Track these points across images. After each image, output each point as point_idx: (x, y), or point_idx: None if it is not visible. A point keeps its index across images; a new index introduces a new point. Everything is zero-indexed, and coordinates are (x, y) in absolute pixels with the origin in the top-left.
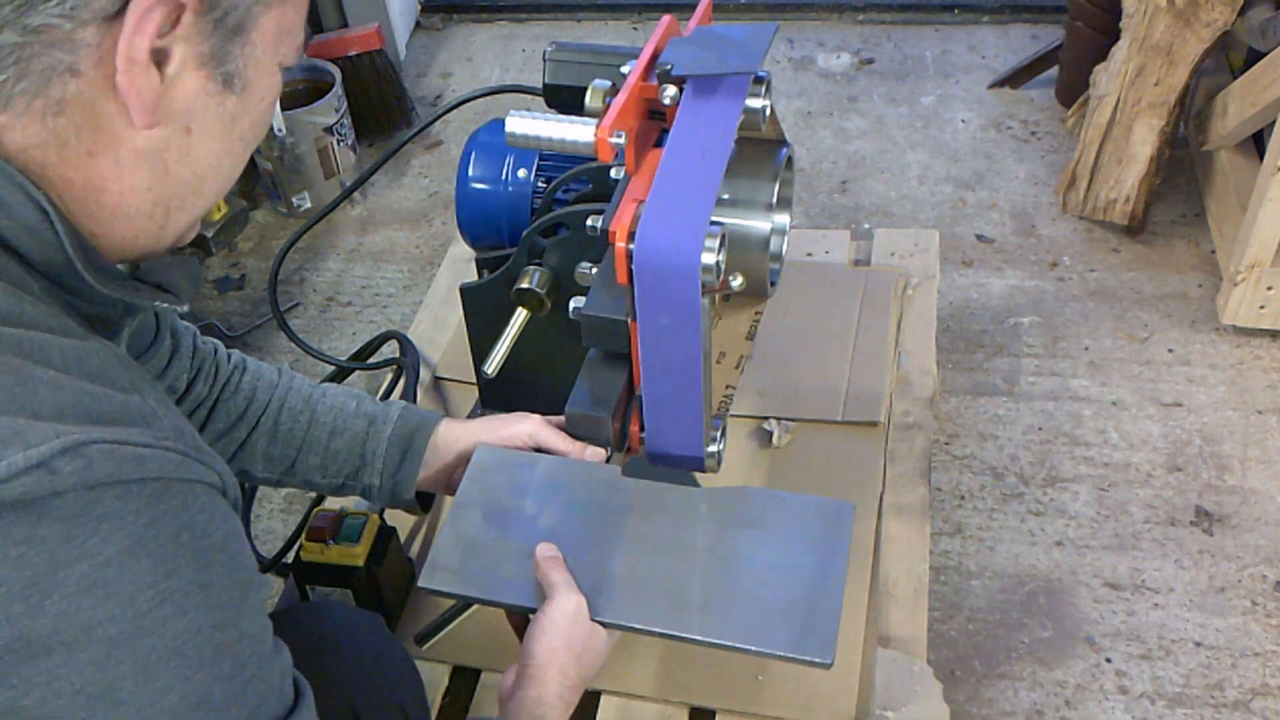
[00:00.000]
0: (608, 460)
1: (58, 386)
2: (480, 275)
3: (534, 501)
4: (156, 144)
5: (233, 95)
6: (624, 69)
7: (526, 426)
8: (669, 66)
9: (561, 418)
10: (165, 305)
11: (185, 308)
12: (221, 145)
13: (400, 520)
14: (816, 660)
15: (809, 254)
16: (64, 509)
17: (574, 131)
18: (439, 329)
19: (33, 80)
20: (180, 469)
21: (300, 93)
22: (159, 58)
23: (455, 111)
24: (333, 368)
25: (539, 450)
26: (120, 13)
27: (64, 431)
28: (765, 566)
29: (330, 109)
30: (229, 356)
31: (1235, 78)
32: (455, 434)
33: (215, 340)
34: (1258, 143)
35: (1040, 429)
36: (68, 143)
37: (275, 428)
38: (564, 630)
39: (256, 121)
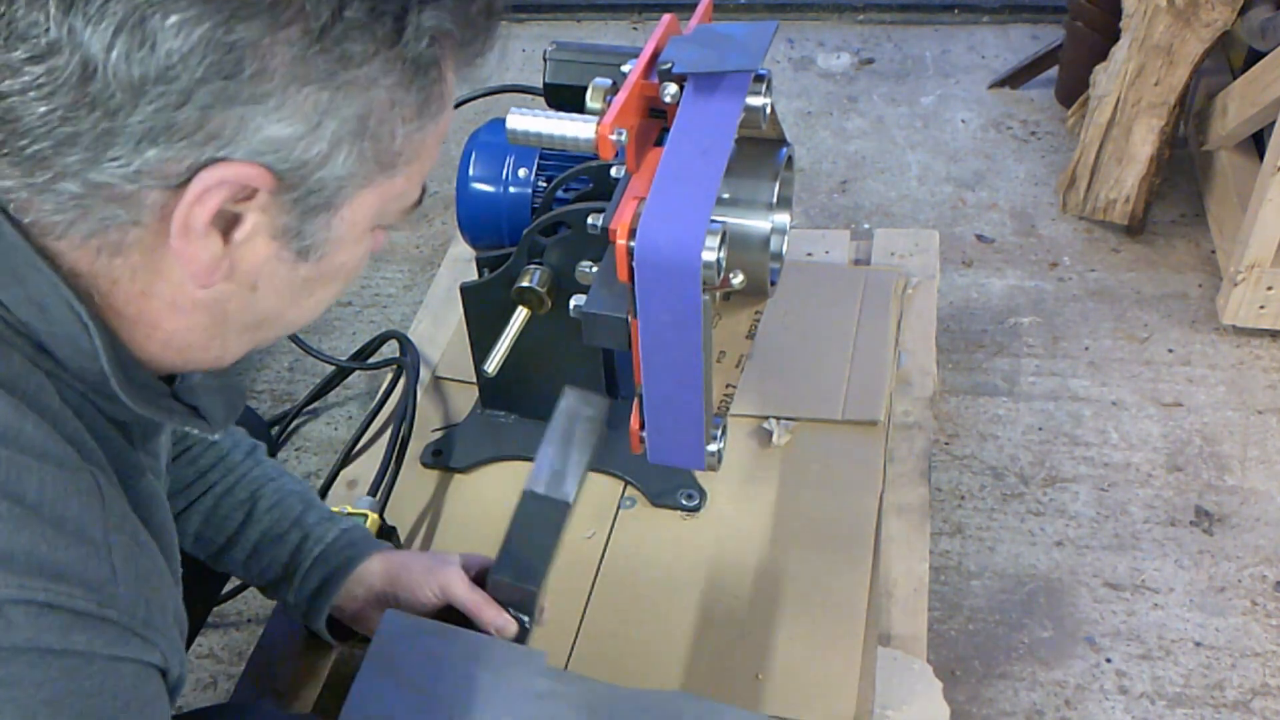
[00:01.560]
0: (522, 632)
1: (18, 525)
2: (480, 274)
3: (446, 687)
4: (217, 296)
5: (306, 263)
6: (624, 68)
7: (440, 580)
8: (669, 65)
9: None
10: (196, 432)
11: (216, 436)
12: (291, 300)
13: (401, 519)
14: None
15: (809, 254)
16: None
17: (575, 128)
18: (439, 329)
19: (91, 224)
20: (112, 645)
21: None
22: (227, 223)
23: (455, 111)
24: (333, 368)
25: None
26: (186, 183)
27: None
28: None
29: None
30: None
31: (1235, 78)
32: (391, 557)
33: None
34: (1258, 143)
35: (1040, 429)
36: (119, 280)
37: (213, 510)
38: None
39: (333, 282)
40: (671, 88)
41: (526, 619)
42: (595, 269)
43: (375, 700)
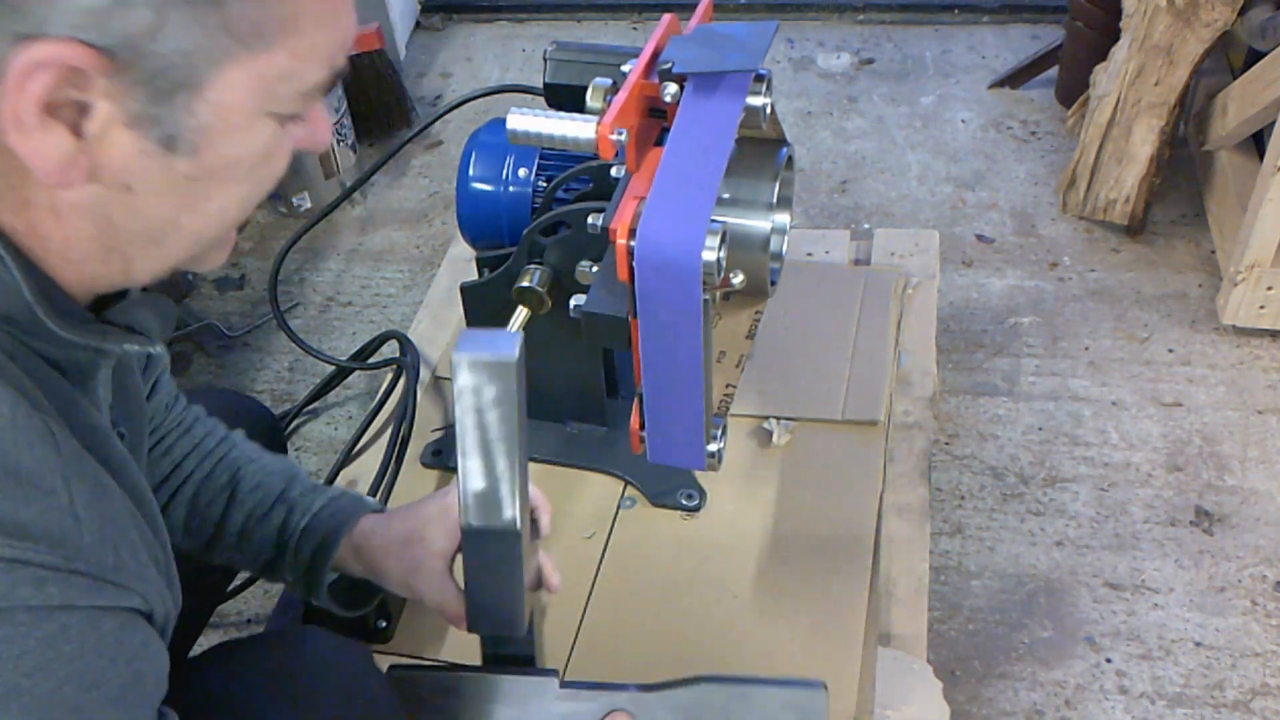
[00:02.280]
0: (527, 660)
1: None
2: (480, 274)
3: None
4: (92, 200)
5: (181, 157)
6: (625, 67)
7: (411, 576)
8: (670, 64)
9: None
10: (136, 348)
11: (158, 349)
12: (178, 203)
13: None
14: None
15: (809, 254)
16: None
17: (575, 128)
18: (439, 329)
19: None
20: (88, 594)
21: None
22: (77, 114)
23: (455, 111)
24: (333, 368)
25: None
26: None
27: None
28: None
29: (330, 109)
30: (177, 414)
31: (1235, 78)
32: (374, 527)
33: (176, 395)
34: (1258, 143)
35: (1040, 429)
36: (2, 195)
37: (195, 498)
38: None
39: (230, 180)
40: (672, 87)
41: (526, 653)
42: (595, 269)
43: None
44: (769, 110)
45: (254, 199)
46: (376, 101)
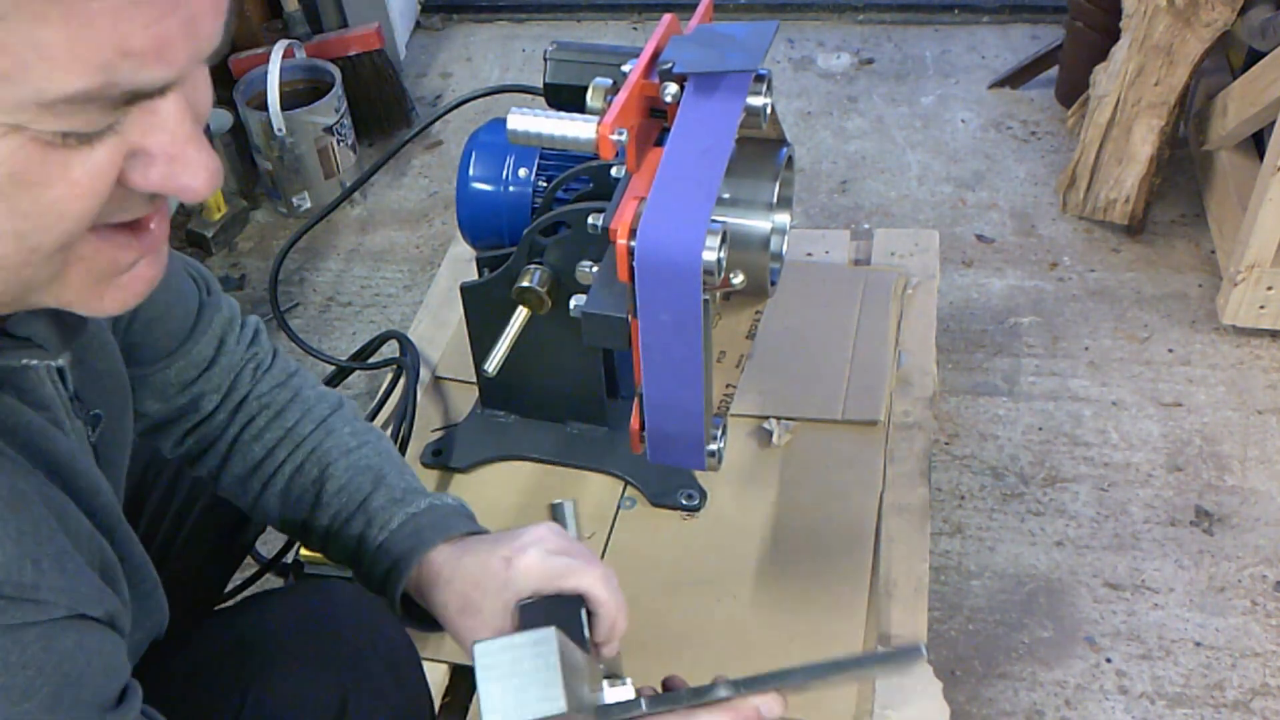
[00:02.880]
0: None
1: None
2: (480, 274)
3: None
4: None
5: None
6: (625, 67)
7: (522, 566)
8: (670, 64)
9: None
10: (33, 362)
11: (59, 362)
12: None
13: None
14: None
15: (809, 254)
16: None
17: (575, 128)
18: (439, 329)
19: None
20: (2, 616)
21: (300, 93)
22: None
23: (455, 111)
24: (333, 368)
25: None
26: None
27: None
28: None
29: (330, 109)
30: (267, 390)
31: (1235, 78)
32: (440, 572)
33: (275, 366)
34: (1258, 143)
35: (1040, 429)
36: None
37: (286, 492)
38: None
39: None
40: (672, 88)
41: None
42: (595, 269)
43: None
44: (769, 110)
45: (32, 237)
46: (376, 101)
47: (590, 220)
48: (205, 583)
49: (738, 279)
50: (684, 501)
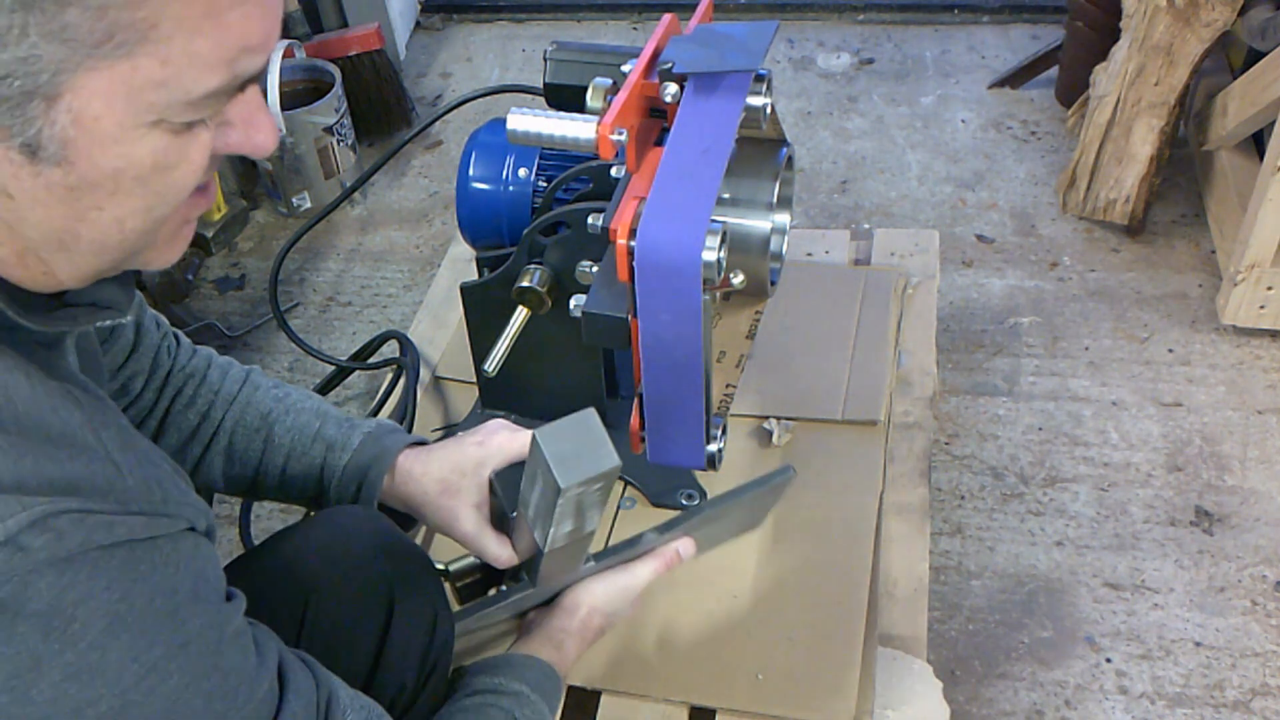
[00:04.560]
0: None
1: (17, 453)
2: (480, 274)
3: None
4: None
5: (49, 166)
6: (625, 67)
7: (447, 516)
8: (670, 64)
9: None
10: (108, 322)
11: (129, 318)
12: (66, 212)
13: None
14: None
15: (809, 254)
16: (39, 599)
17: (575, 128)
18: (439, 329)
19: None
20: (147, 528)
21: (300, 93)
22: None
23: (455, 111)
24: (333, 368)
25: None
26: None
27: (29, 503)
28: None
29: (330, 109)
30: (185, 362)
31: (1235, 78)
32: (412, 469)
33: (182, 341)
34: (1258, 143)
35: (1040, 429)
36: None
37: (230, 447)
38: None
39: (118, 191)
40: (672, 87)
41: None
42: (595, 269)
43: None
44: (769, 110)
45: (159, 209)
46: (376, 101)
47: (590, 220)
48: None
49: (738, 279)
50: (684, 501)
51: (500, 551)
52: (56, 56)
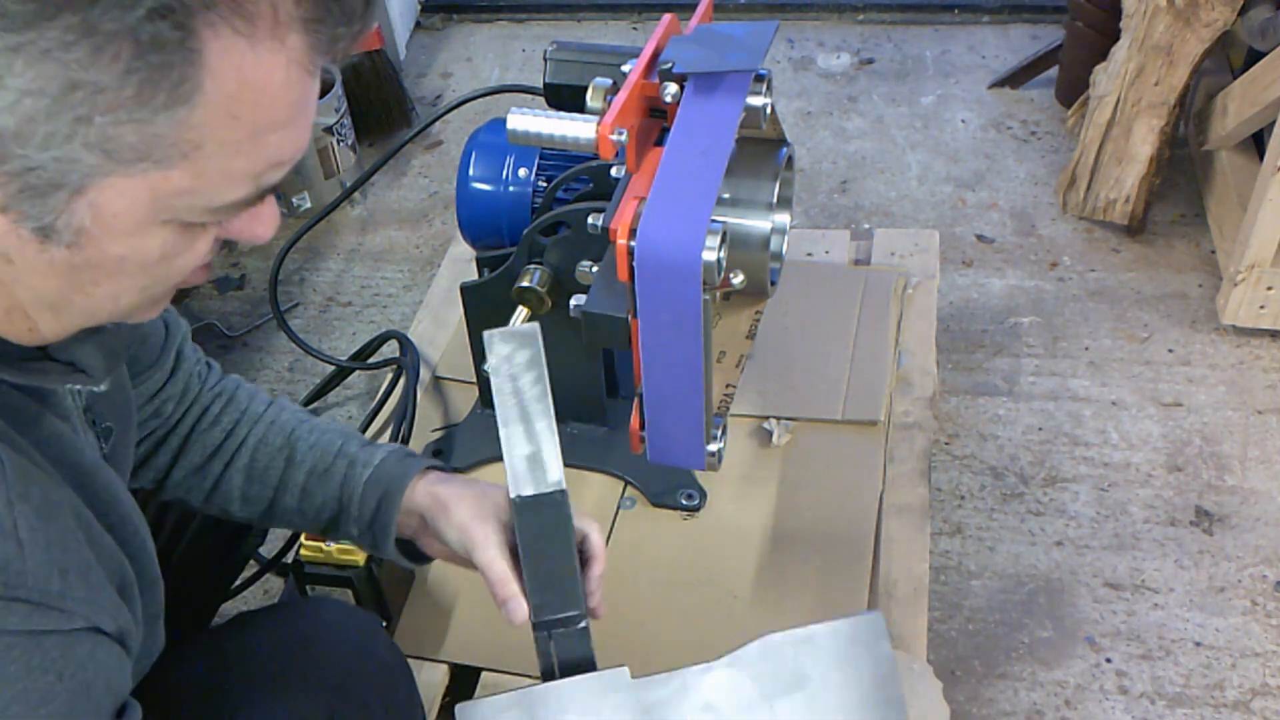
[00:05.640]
0: (584, 644)
1: None
2: (480, 274)
3: None
4: None
5: (57, 248)
6: (625, 67)
7: (469, 540)
8: (670, 64)
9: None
10: (77, 387)
11: (102, 387)
12: (63, 284)
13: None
14: None
15: (809, 254)
16: None
17: (575, 128)
18: (439, 329)
19: None
20: (28, 620)
21: None
22: None
23: (455, 111)
24: (333, 368)
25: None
26: None
27: None
28: None
29: (330, 109)
30: (214, 384)
31: (1235, 78)
32: (437, 485)
33: (206, 363)
34: (1258, 143)
35: (1040, 429)
36: None
37: (251, 465)
38: None
39: (121, 274)
40: (672, 87)
41: (580, 635)
42: (595, 269)
43: None
44: (769, 110)
45: (155, 289)
46: (376, 101)
47: (590, 220)
48: (199, 602)
49: (738, 279)
50: (684, 501)
51: (504, 574)
52: (92, 162)
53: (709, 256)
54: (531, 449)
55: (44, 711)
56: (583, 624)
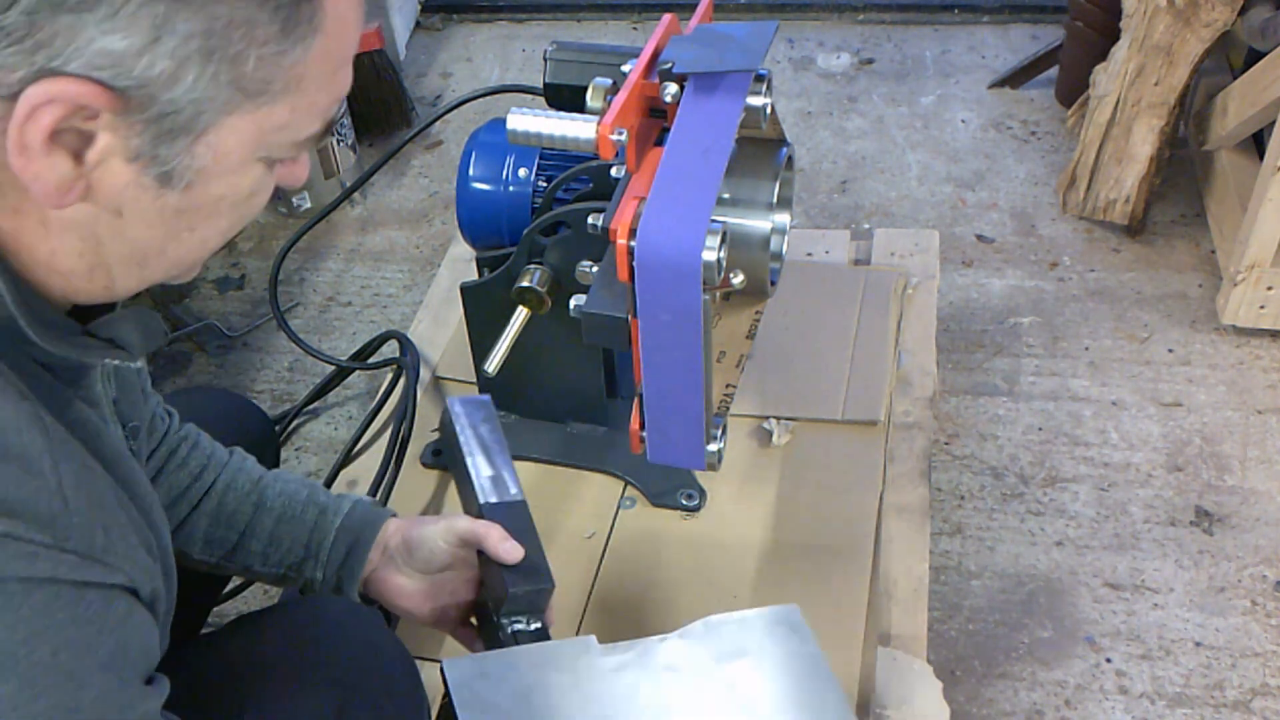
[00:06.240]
0: (543, 633)
1: None
2: (480, 274)
3: (539, 700)
4: (83, 218)
5: (172, 191)
6: (625, 67)
7: (446, 522)
8: (670, 64)
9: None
10: (116, 362)
11: (139, 363)
12: (165, 232)
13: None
14: None
15: (809, 254)
16: None
17: (575, 128)
18: (439, 329)
19: None
20: (77, 570)
21: None
22: (79, 142)
23: (455, 111)
24: (333, 368)
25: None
26: (16, 95)
27: None
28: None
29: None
30: (178, 428)
31: (1235, 78)
32: (393, 535)
33: (166, 410)
34: (1258, 143)
35: (1040, 429)
36: None
37: (219, 509)
38: None
39: (214, 215)
40: (672, 87)
41: (541, 624)
42: (595, 269)
43: None
44: (769, 110)
45: (233, 230)
46: (376, 101)
47: (590, 220)
48: (190, 611)
49: (738, 279)
50: (684, 501)
51: (501, 539)
52: (222, 99)
53: (709, 256)
54: (493, 472)
55: (89, 662)
56: (538, 625)
